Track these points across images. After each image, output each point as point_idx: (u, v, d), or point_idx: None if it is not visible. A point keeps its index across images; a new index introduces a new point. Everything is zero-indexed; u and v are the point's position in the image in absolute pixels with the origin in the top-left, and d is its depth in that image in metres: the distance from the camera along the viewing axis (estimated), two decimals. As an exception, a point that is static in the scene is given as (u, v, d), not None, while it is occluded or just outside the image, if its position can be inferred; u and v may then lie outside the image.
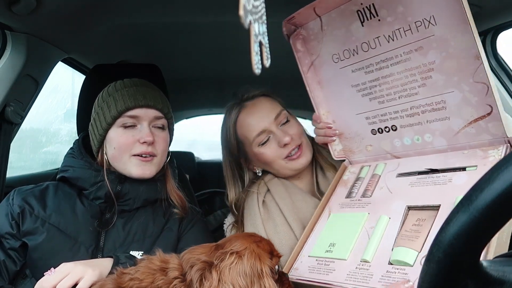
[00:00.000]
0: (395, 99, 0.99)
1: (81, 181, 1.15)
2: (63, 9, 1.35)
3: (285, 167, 1.23)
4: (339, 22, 1.01)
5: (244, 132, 1.23)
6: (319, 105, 1.17)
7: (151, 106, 1.16)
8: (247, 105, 1.25)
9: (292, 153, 1.20)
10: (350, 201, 1.02)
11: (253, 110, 1.24)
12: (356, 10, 0.96)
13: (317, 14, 1.04)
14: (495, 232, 0.40)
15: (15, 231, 1.09)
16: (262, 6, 0.47)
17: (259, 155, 1.23)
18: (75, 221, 1.13)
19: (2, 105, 1.39)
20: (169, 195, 1.24)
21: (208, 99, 3.44)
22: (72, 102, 2.92)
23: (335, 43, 1.05)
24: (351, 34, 1.00)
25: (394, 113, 1.01)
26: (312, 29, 1.08)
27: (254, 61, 0.45)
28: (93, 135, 1.20)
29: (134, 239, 1.15)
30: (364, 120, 1.08)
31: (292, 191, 1.23)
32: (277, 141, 1.20)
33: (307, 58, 1.13)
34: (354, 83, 1.05)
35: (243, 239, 0.85)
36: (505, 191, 0.37)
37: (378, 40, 0.96)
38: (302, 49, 1.12)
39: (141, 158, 1.15)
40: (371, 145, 1.10)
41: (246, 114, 1.24)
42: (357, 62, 1.02)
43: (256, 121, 1.21)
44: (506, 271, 0.43)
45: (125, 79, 1.22)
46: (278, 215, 1.18)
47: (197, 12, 1.58)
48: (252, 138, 1.21)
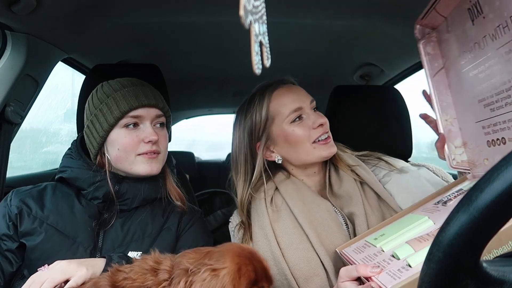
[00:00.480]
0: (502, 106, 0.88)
1: (79, 181, 1.15)
2: (63, 9, 1.35)
3: (310, 152, 1.18)
4: (457, 22, 0.95)
5: (279, 107, 1.19)
6: (445, 110, 1.06)
7: (153, 105, 1.16)
8: (285, 86, 1.23)
9: (322, 137, 1.17)
10: (431, 207, 0.99)
11: (291, 89, 1.22)
12: (467, 8, 0.89)
13: (442, 15, 0.98)
14: (495, 232, 0.40)
15: (12, 233, 1.09)
16: (262, 6, 0.47)
17: (288, 134, 1.17)
18: (73, 221, 1.13)
19: (2, 105, 1.39)
20: (169, 192, 1.25)
21: (208, 99, 3.45)
22: (72, 102, 2.92)
23: (457, 44, 0.98)
24: (466, 34, 0.92)
25: (503, 123, 0.88)
26: (442, 31, 1.03)
27: (254, 61, 0.45)
28: (91, 138, 1.18)
29: (132, 239, 1.15)
30: (481, 130, 0.96)
31: (303, 192, 1.19)
32: (311, 121, 1.17)
33: (438, 61, 1.05)
34: (472, 88, 0.96)
35: (232, 256, 0.83)
36: (505, 191, 0.37)
37: (485, 40, 0.87)
38: (433, 52, 1.06)
39: (147, 156, 1.15)
40: (487, 159, 0.98)
41: (285, 91, 1.21)
42: (473, 65, 0.94)
43: (294, 98, 1.19)
44: (506, 271, 0.43)
45: (119, 79, 1.21)
46: (288, 216, 1.15)
47: (197, 12, 1.58)
48: (287, 113, 1.17)
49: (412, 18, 1.02)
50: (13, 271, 1.09)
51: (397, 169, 1.22)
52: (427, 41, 1.07)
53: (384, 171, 1.22)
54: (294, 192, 1.19)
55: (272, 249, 1.10)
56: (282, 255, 1.09)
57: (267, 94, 1.21)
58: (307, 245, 1.09)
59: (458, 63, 1.00)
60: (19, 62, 1.39)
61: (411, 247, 0.79)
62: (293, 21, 1.69)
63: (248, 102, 1.26)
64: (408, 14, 1.46)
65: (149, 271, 0.82)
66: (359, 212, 1.12)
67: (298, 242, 1.10)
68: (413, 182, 1.16)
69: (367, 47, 2.03)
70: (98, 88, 1.20)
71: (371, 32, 1.79)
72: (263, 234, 1.14)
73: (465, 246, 0.40)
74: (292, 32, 1.82)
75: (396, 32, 1.69)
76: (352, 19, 1.65)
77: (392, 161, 1.27)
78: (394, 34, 1.71)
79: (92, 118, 1.17)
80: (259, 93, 1.24)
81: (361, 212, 1.12)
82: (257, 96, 1.24)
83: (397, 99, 1.76)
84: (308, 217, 1.13)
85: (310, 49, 2.09)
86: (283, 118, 1.17)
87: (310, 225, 1.11)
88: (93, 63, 1.81)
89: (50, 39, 1.49)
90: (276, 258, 1.09)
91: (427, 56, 1.08)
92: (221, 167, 4.06)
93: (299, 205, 1.15)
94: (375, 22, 1.64)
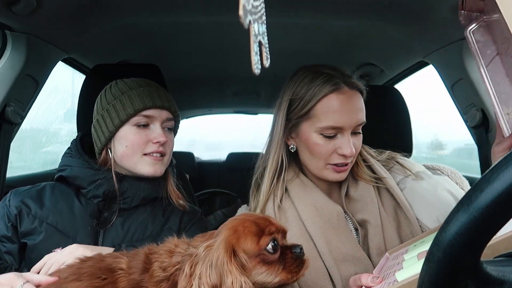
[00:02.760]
0: None
1: (79, 179, 1.16)
2: (63, 9, 1.35)
3: (320, 169, 1.11)
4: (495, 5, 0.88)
5: (322, 114, 1.07)
6: (505, 102, 0.95)
7: (166, 107, 1.18)
8: (345, 92, 1.07)
9: (339, 165, 1.08)
10: None
11: (347, 101, 1.07)
12: None
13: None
14: (495, 232, 0.40)
15: (10, 234, 1.10)
16: (262, 6, 0.47)
17: (312, 142, 1.08)
18: (73, 220, 1.13)
19: (2, 105, 1.39)
20: (169, 193, 1.25)
21: (208, 99, 3.45)
22: (72, 102, 2.91)
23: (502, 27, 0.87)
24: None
25: None
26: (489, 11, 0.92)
27: (253, 61, 0.45)
28: (99, 132, 1.18)
29: (133, 239, 1.15)
30: None
31: (314, 195, 1.12)
32: (339, 145, 1.06)
33: (490, 48, 0.94)
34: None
35: (226, 225, 0.83)
36: (505, 191, 0.37)
37: None
38: (482, 39, 0.95)
39: (153, 157, 1.16)
40: None
41: (340, 100, 1.06)
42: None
43: (343, 115, 1.06)
44: (506, 271, 0.43)
45: (135, 78, 1.22)
46: (295, 222, 1.09)
47: (197, 12, 1.58)
48: (323, 125, 1.06)
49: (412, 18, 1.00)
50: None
51: (412, 174, 1.15)
52: (476, 27, 0.95)
53: (399, 177, 1.15)
54: (304, 194, 1.13)
55: None
56: None
57: (323, 89, 1.07)
58: (314, 253, 1.04)
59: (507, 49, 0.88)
60: (19, 62, 1.39)
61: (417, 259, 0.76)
62: (293, 21, 1.69)
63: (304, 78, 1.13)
64: (408, 14, 1.47)
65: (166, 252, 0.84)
66: (375, 222, 1.06)
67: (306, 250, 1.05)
68: (430, 191, 1.09)
69: (367, 47, 2.02)
70: (112, 84, 1.21)
71: (371, 32, 1.79)
72: None
73: (465, 246, 0.40)
74: (292, 32, 1.81)
75: (396, 32, 1.68)
76: (352, 19, 1.64)
77: (407, 164, 1.19)
78: (394, 34, 1.71)
79: (103, 113, 1.17)
80: (319, 79, 1.09)
81: (377, 222, 1.05)
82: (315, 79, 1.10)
83: (397, 99, 1.76)
84: (318, 223, 1.07)
85: (310, 49, 2.09)
86: (317, 126, 1.07)
87: (319, 232, 1.06)
88: (93, 63, 1.81)
89: (50, 39, 1.49)
90: None
91: (476, 44, 0.96)
92: (221, 167, 4.06)
93: (309, 210, 1.09)
94: (375, 22, 1.64)
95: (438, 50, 1.64)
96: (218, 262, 0.76)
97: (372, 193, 1.11)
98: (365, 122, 1.11)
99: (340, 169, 1.09)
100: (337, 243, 1.05)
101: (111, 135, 1.16)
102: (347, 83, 1.09)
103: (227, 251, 0.77)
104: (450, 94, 1.71)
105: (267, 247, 0.80)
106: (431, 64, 1.78)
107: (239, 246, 0.79)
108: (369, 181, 1.13)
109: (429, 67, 1.86)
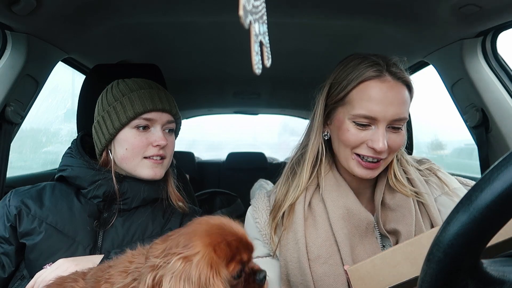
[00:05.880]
0: None
1: (79, 180, 1.15)
2: (63, 9, 1.35)
3: (346, 160, 1.04)
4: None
5: (357, 100, 1.01)
6: None
7: (167, 110, 1.17)
8: (386, 80, 1.00)
9: (368, 159, 1.01)
10: None
11: (386, 91, 0.99)
12: None
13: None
14: (495, 232, 0.40)
15: (8, 235, 1.10)
16: (262, 6, 0.47)
17: (343, 129, 1.02)
18: (73, 220, 1.13)
19: (2, 105, 1.39)
20: (170, 195, 1.25)
21: (208, 99, 3.45)
22: (72, 102, 2.92)
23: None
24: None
25: None
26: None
27: (254, 61, 0.45)
28: (99, 134, 1.18)
29: (132, 239, 1.15)
30: None
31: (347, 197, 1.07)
32: (370, 137, 0.99)
33: None
34: None
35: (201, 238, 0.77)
36: (505, 191, 0.37)
37: None
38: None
39: (153, 160, 1.16)
40: None
41: (377, 88, 0.99)
42: None
43: (377, 105, 0.98)
44: (506, 271, 0.43)
45: (136, 79, 1.21)
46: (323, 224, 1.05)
47: (197, 12, 1.58)
48: (356, 112, 1.00)
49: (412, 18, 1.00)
50: (4, 277, 1.10)
51: (450, 190, 1.08)
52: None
53: (436, 192, 1.09)
54: (337, 194, 1.07)
55: (300, 258, 1.03)
56: (309, 266, 1.02)
57: (363, 74, 1.01)
58: (337, 259, 1.01)
59: None
60: (19, 62, 1.39)
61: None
62: (293, 21, 1.69)
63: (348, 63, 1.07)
64: (408, 14, 1.47)
65: (121, 273, 0.79)
66: (407, 234, 0.99)
67: (327, 255, 1.01)
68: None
69: (367, 47, 2.02)
70: (113, 85, 1.20)
71: (371, 32, 1.79)
72: (294, 239, 1.05)
73: (465, 246, 0.40)
74: (292, 32, 1.81)
75: (396, 32, 1.69)
76: (352, 19, 1.65)
77: (446, 178, 1.12)
78: (394, 34, 1.71)
79: (104, 114, 1.16)
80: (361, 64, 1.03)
81: (410, 234, 0.99)
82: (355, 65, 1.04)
83: (397, 99, 1.76)
84: (346, 228, 1.02)
85: (310, 49, 2.09)
86: (350, 113, 1.01)
87: (345, 237, 1.01)
88: (93, 63, 1.81)
89: (50, 39, 1.49)
90: (302, 267, 1.02)
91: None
92: (221, 167, 4.07)
93: (340, 212, 1.04)
94: (375, 22, 1.64)
95: (438, 50, 1.64)
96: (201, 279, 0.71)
97: (411, 205, 1.04)
98: (406, 119, 1.02)
99: (367, 165, 1.01)
100: (360, 251, 1.01)
101: (111, 137, 1.15)
102: (391, 73, 1.01)
103: (213, 269, 0.73)
104: (450, 94, 1.72)
105: (234, 273, 0.78)
106: (431, 64, 1.78)
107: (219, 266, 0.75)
108: (409, 195, 1.05)
109: (429, 67, 1.86)
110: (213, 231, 0.79)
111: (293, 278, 1.04)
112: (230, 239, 0.79)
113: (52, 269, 0.99)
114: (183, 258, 0.73)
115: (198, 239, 0.76)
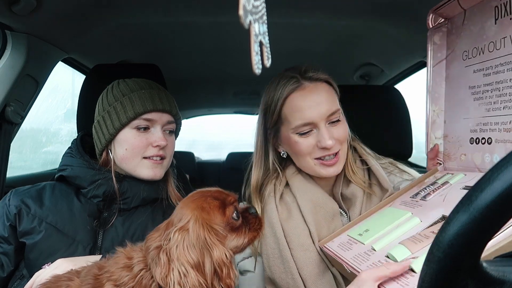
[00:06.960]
0: (499, 108, 0.89)
1: (79, 179, 1.15)
2: (63, 9, 1.35)
3: (311, 167, 1.13)
4: (477, 17, 0.94)
5: (289, 115, 1.10)
6: (435, 101, 1.09)
7: (167, 111, 1.17)
8: (306, 87, 1.10)
9: (326, 158, 1.10)
10: (410, 200, 1.00)
11: (310, 96, 1.09)
12: (494, 6, 0.88)
13: (462, 7, 0.98)
14: (495, 232, 0.40)
15: (7, 235, 1.10)
16: (262, 6, 0.47)
17: (292, 143, 1.12)
18: (73, 220, 1.13)
19: (2, 105, 1.39)
20: (170, 195, 1.25)
21: (208, 99, 3.45)
22: (72, 102, 2.92)
23: (469, 39, 0.97)
24: (484, 31, 0.92)
25: (494, 124, 0.90)
26: (456, 22, 1.02)
27: (254, 61, 0.45)
28: (99, 134, 1.18)
29: (132, 239, 1.14)
30: (467, 126, 0.99)
31: (313, 191, 1.16)
32: (318, 139, 1.09)
33: (441, 52, 1.07)
34: (472, 85, 0.97)
35: (187, 207, 0.85)
36: (505, 191, 0.37)
37: (504, 41, 0.87)
38: (439, 43, 1.07)
39: (153, 161, 1.16)
40: (465, 155, 1.01)
41: (301, 97, 1.09)
42: (480, 62, 0.94)
43: (307, 110, 1.07)
44: (506, 271, 0.43)
45: (136, 79, 1.21)
46: (299, 216, 1.13)
47: (197, 12, 1.58)
48: (294, 125, 1.09)
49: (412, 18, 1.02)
50: (3, 277, 1.10)
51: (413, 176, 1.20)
52: (437, 31, 1.07)
53: (397, 179, 1.20)
54: (305, 189, 1.16)
55: (281, 248, 1.09)
56: (291, 255, 1.08)
57: (284, 92, 1.11)
58: (312, 247, 1.08)
59: (463, 58, 1.00)
60: (19, 62, 1.39)
61: (407, 248, 0.79)
62: (293, 21, 1.69)
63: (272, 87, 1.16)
64: (408, 14, 1.47)
65: (123, 268, 0.83)
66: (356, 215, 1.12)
67: (308, 243, 1.08)
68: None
69: (367, 47, 2.03)
70: (114, 85, 1.20)
71: (371, 32, 1.79)
72: (271, 231, 1.12)
73: (465, 246, 0.40)
74: (292, 32, 1.82)
75: (396, 32, 1.69)
76: (352, 19, 1.65)
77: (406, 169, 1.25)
78: (394, 34, 1.71)
79: (104, 114, 1.16)
80: (281, 84, 1.13)
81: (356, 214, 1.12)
82: (277, 87, 1.13)
83: (397, 99, 1.76)
84: (316, 219, 1.11)
85: (310, 49, 2.09)
86: (291, 127, 1.10)
87: (316, 227, 1.10)
88: (93, 63, 1.81)
89: (50, 39, 1.49)
90: (284, 257, 1.08)
91: (432, 45, 1.08)
92: (221, 167, 4.07)
93: (308, 205, 1.13)
94: (375, 22, 1.64)
95: (438, 50, 1.64)
96: (199, 240, 0.79)
97: (360, 194, 1.15)
98: (339, 110, 1.12)
99: (329, 163, 1.11)
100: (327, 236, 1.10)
101: (111, 137, 1.15)
102: (307, 78, 1.11)
103: (205, 227, 0.81)
104: (450, 94, 1.71)
105: (232, 215, 0.87)
106: (431, 64, 1.78)
107: (211, 221, 0.83)
108: (361, 186, 1.17)
109: (429, 67, 1.86)
110: (195, 196, 0.89)
111: (276, 270, 1.09)
112: (212, 193, 0.89)
113: (50, 269, 0.99)
114: (179, 229, 0.80)
115: (186, 209, 0.84)
